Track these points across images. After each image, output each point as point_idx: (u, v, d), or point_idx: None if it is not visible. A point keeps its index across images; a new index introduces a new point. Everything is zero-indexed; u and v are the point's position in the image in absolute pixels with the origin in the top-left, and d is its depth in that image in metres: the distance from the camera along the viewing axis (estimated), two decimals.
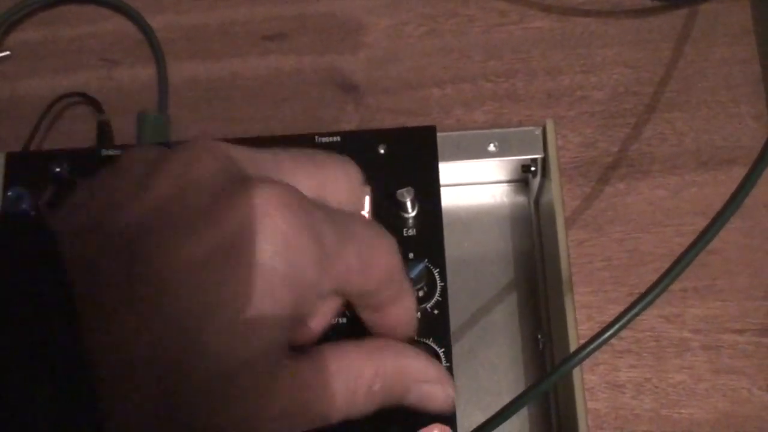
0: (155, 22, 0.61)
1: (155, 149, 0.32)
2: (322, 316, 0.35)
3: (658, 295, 0.37)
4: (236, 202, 0.28)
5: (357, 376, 0.33)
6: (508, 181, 0.54)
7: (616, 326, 0.37)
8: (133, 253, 0.28)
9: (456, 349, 0.43)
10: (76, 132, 0.58)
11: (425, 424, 0.40)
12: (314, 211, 0.30)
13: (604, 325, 0.37)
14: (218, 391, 0.28)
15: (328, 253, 0.30)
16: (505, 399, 0.39)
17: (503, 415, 0.38)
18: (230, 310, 0.28)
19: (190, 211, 0.29)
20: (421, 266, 0.43)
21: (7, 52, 0.62)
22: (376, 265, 0.33)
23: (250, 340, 0.28)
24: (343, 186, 0.35)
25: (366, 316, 0.36)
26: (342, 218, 0.32)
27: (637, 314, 0.37)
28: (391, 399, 0.35)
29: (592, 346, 0.37)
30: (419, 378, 0.35)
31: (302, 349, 0.32)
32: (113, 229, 0.28)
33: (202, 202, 0.29)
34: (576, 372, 0.43)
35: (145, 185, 0.29)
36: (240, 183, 0.29)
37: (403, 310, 0.36)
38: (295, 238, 0.29)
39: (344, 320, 0.43)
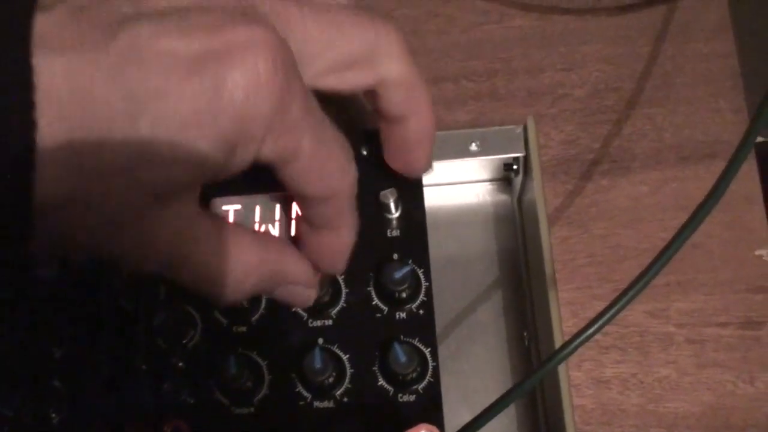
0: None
1: None
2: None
3: (641, 290, 0.37)
4: (232, 29, 0.29)
5: (241, 259, 0.34)
6: (491, 180, 0.54)
7: (600, 321, 0.37)
8: (119, 31, 0.28)
9: (442, 349, 0.44)
10: None
11: (412, 425, 0.40)
12: (294, 80, 0.31)
13: (588, 321, 0.37)
14: (122, 176, 0.29)
15: (285, 120, 0.31)
16: (492, 397, 0.39)
17: (490, 412, 0.38)
18: (168, 105, 0.28)
19: (193, 16, 0.29)
20: (405, 266, 0.43)
21: None
22: (324, 171, 0.33)
23: (172, 140, 0.29)
24: (378, 56, 0.36)
25: (300, 229, 0.37)
26: (318, 113, 0.33)
27: (621, 309, 0.37)
28: (258, 291, 0.36)
29: (576, 342, 0.37)
30: (293, 280, 0.37)
31: (210, 211, 0.34)
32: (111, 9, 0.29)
33: (208, 17, 0.30)
34: (562, 369, 0.44)
35: None
36: (249, 16, 0.30)
37: (336, 241, 0.37)
38: (262, 84, 0.29)
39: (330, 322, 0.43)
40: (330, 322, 0.44)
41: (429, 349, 0.43)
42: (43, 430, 0.42)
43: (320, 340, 0.43)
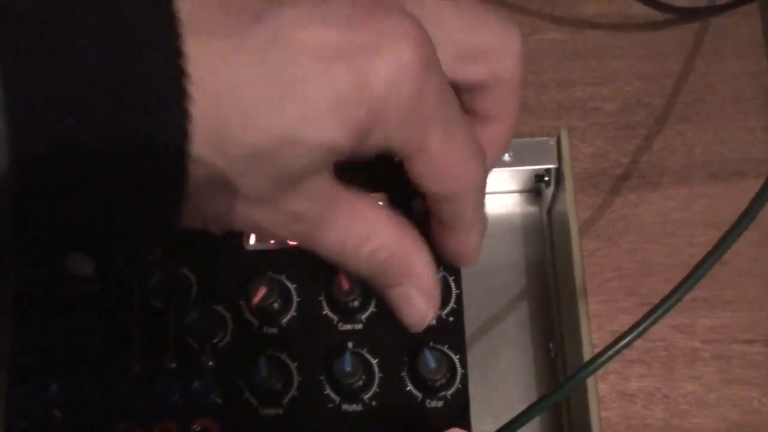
0: None
1: None
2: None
3: (673, 305, 0.37)
4: (379, 19, 0.30)
5: (367, 235, 0.34)
6: (521, 191, 0.54)
7: (632, 335, 0.37)
8: (262, 20, 0.29)
9: (468, 357, 0.44)
10: None
11: (440, 427, 0.40)
12: (435, 77, 0.31)
13: (614, 335, 0.38)
14: (260, 160, 0.29)
15: (416, 115, 0.31)
16: (517, 408, 0.39)
17: (516, 423, 0.38)
18: (308, 93, 0.29)
19: (338, 4, 0.30)
20: (438, 275, 0.43)
21: None
22: (451, 170, 0.34)
23: (309, 122, 0.29)
24: (502, 55, 0.35)
25: (433, 227, 0.37)
26: (453, 112, 0.33)
27: (653, 323, 0.37)
28: (376, 279, 0.36)
29: (607, 355, 0.37)
30: (414, 282, 0.36)
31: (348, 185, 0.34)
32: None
33: (352, 4, 0.30)
34: (590, 381, 0.44)
35: None
36: (395, 9, 0.30)
37: (461, 241, 0.37)
38: (403, 78, 0.30)
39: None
40: (360, 326, 0.44)
41: (458, 356, 0.43)
42: (72, 427, 0.42)
43: (350, 344, 0.43)
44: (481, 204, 0.37)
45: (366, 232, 0.34)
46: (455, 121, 0.33)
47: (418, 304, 0.37)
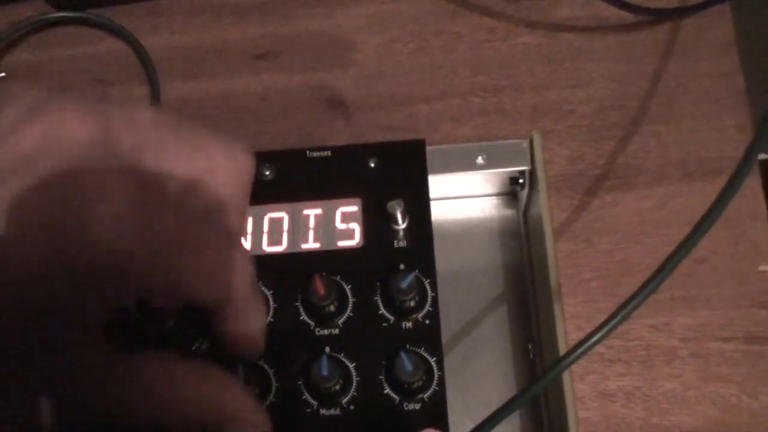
0: (149, 42, 0.62)
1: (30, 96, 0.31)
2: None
3: (645, 299, 0.37)
4: (86, 173, 0.29)
5: (178, 395, 0.33)
6: (497, 194, 0.54)
7: (604, 330, 0.37)
8: None
9: (447, 360, 0.44)
10: None
11: (418, 430, 0.40)
12: (157, 197, 0.31)
13: (592, 330, 0.38)
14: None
15: (160, 239, 0.30)
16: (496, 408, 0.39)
17: (494, 420, 0.38)
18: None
19: (46, 162, 0.29)
20: (412, 276, 0.43)
21: (3, 74, 0.62)
22: (217, 274, 0.33)
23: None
24: (225, 177, 0.33)
25: (214, 326, 0.36)
26: (191, 216, 0.32)
27: (625, 317, 0.38)
28: (201, 424, 0.34)
29: (580, 350, 0.38)
30: (237, 419, 0.34)
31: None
32: None
33: (59, 159, 0.29)
34: (566, 380, 0.44)
35: (16, 128, 0.29)
36: (96, 156, 0.29)
37: (248, 331, 0.36)
38: (127, 217, 0.29)
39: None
40: (337, 331, 0.44)
41: (435, 358, 0.43)
42: None
43: (327, 349, 0.44)
44: (252, 293, 0.35)
45: (175, 395, 0.33)
46: (201, 227, 0.32)
47: None
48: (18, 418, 0.30)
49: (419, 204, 0.46)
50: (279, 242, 0.47)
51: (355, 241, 0.46)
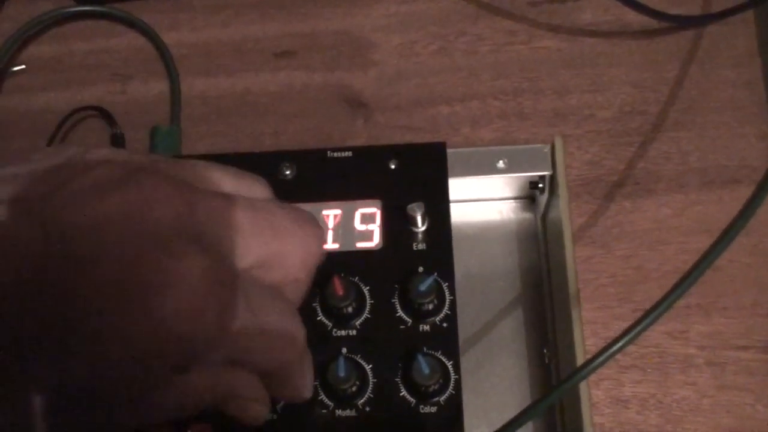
0: (169, 38, 0.62)
1: (120, 165, 0.33)
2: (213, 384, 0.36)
3: (666, 309, 0.37)
4: (167, 261, 0.31)
5: (193, 389, 0.34)
6: (515, 198, 0.54)
7: (624, 340, 0.37)
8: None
9: (463, 363, 0.44)
10: (90, 145, 0.59)
11: None
12: (235, 289, 0.33)
13: (608, 341, 0.38)
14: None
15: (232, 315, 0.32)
16: (511, 413, 0.39)
17: (510, 427, 0.38)
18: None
19: (123, 236, 0.30)
20: (431, 279, 0.43)
21: (23, 66, 0.63)
22: (276, 348, 0.35)
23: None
24: (295, 262, 0.36)
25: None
26: (259, 293, 0.34)
27: (645, 328, 0.37)
28: (213, 404, 0.36)
29: (599, 360, 0.37)
30: (245, 396, 0.36)
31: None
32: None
33: (141, 241, 0.31)
34: (583, 387, 0.44)
35: (101, 192, 0.31)
36: (183, 242, 0.31)
37: (296, 386, 0.38)
38: (200, 299, 0.31)
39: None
40: (354, 332, 0.44)
41: (451, 362, 0.43)
42: None
43: (344, 350, 0.44)
44: (302, 354, 0.38)
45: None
46: (264, 315, 0.34)
47: (253, 408, 0.37)
48: None
49: (439, 207, 0.46)
50: None
51: (374, 242, 0.46)
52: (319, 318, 0.45)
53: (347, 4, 0.63)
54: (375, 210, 0.47)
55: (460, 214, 0.54)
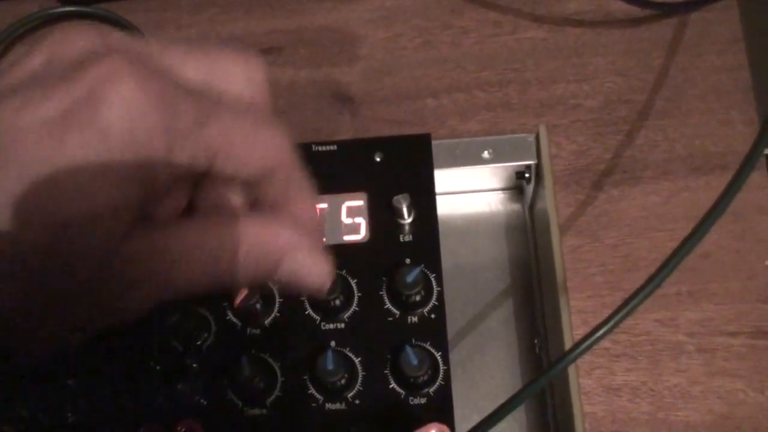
0: (155, 37, 0.62)
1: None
2: (184, 192, 0.34)
3: (651, 292, 0.37)
4: (89, 69, 0.29)
5: (218, 246, 0.32)
6: (503, 189, 0.54)
7: (610, 323, 0.37)
8: None
9: (453, 355, 0.44)
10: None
11: (423, 424, 0.40)
12: (169, 84, 0.31)
13: (598, 324, 0.38)
14: (63, 252, 0.29)
15: (183, 124, 0.30)
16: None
17: (500, 413, 0.38)
18: (61, 171, 0.28)
19: (48, 78, 0.30)
20: (417, 270, 0.43)
21: None
22: (251, 148, 0.32)
23: (93, 196, 0.29)
24: (240, 79, 0.34)
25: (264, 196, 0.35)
26: (209, 100, 0.32)
27: (631, 311, 0.37)
28: (260, 271, 0.34)
29: (586, 344, 0.37)
30: (290, 246, 0.34)
31: (163, 222, 0.33)
32: None
33: (62, 72, 0.30)
34: (572, 374, 0.44)
35: (19, 62, 0.31)
36: (99, 54, 0.30)
37: (301, 208, 0.35)
38: (140, 104, 0.29)
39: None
40: (342, 325, 0.44)
41: (440, 353, 0.43)
42: (59, 429, 0.43)
43: (332, 343, 0.44)
44: (297, 171, 0.35)
45: (214, 245, 0.33)
46: (219, 107, 0.32)
47: (309, 265, 0.34)
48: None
49: (425, 198, 0.46)
50: None
51: (361, 235, 0.46)
52: (307, 312, 0.45)
53: None
54: (361, 203, 0.47)
55: (448, 206, 0.54)
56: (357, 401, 0.43)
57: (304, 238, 0.34)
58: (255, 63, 0.34)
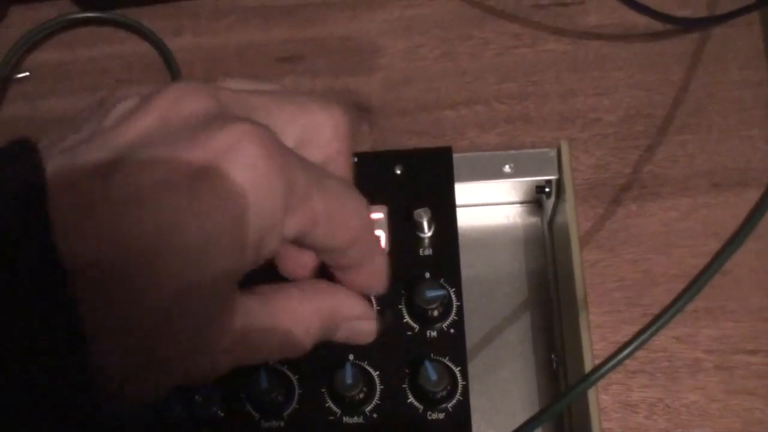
0: (173, 44, 0.62)
1: (144, 89, 0.32)
2: (285, 260, 0.36)
3: (674, 316, 0.37)
4: (213, 135, 0.29)
5: (298, 318, 0.34)
6: (522, 202, 0.54)
7: (632, 346, 0.37)
8: (109, 176, 0.28)
9: (470, 369, 0.44)
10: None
11: None
12: (288, 154, 0.31)
13: (617, 345, 0.37)
14: (168, 316, 0.29)
15: (296, 195, 0.31)
16: (519, 418, 0.39)
17: None
18: (188, 233, 0.28)
19: (168, 140, 0.29)
20: (441, 292, 0.43)
21: (27, 73, 0.63)
22: (343, 221, 0.33)
23: (203, 263, 0.29)
24: (329, 132, 0.35)
25: (338, 276, 0.36)
26: (316, 170, 0.33)
27: (653, 334, 0.37)
28: (323, 336, 0.36)
29: (608, 366, 0.37)
30: (350, 316, 0.36)
31: (251, 288, 0.33)
32: (93, 157, 0.29)
33: (181, 134, 0.30)
34: (591, 392, 0.44)
35: (129, 118, 0.30)
36: (220, 119, 0.30)
37: (373, 271, 0.37)
38: (265, 173, 0.29)
39: None
40: None
41: (459, 368, 0.43)
42: None
43: (351, 356, 0.43)
44: (372, 236, 0.37)
45: (291, 323, 0.34)
46: (325, 178, 0.33)
47: (362, 327, 0.37)
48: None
49: (445, 212, 0.46)
50: None
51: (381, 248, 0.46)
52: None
53: (352, 9, 0.63)
54: (381, 216, 0.47)
55: (467, 219, 0.53)
56: (375, 415, 0.43)
57: (370, 309, 0.37)
58: (340, 116, 0.35)
